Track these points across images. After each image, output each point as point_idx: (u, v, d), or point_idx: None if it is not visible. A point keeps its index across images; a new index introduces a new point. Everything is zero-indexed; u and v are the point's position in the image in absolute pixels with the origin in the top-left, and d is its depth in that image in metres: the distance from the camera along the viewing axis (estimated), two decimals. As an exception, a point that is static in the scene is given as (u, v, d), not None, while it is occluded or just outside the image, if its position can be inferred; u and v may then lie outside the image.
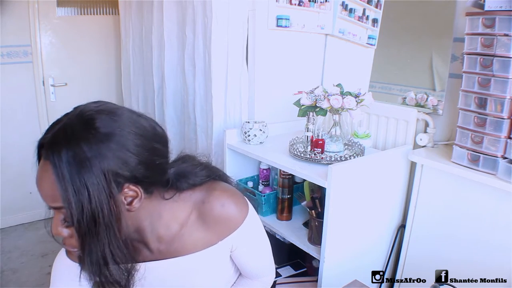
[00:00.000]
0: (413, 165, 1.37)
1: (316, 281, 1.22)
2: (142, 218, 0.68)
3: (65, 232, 0.61)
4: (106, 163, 0.57)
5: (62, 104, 2.57)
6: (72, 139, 0.56)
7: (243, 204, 0.76)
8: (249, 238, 0.79)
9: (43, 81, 2.50)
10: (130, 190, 0.61)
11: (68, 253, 0.73)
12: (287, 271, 1.42)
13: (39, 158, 0.61)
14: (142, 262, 0.74)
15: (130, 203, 0.63)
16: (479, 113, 1.09)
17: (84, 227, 0.57)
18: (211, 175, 0.78)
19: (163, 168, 0.68)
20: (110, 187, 0.57)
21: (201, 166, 0.79)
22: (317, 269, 1.21)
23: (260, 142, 1.47)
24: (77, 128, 0.57)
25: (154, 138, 0.65)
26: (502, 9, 1.00)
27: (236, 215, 0.74)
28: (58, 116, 0.62)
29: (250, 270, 0.86)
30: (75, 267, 0.70)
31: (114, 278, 0.63)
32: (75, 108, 0.62)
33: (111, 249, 0.60)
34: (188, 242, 0.73)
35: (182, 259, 0.74)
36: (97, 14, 2.61)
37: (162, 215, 0.72)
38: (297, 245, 1.30)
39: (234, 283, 0.90)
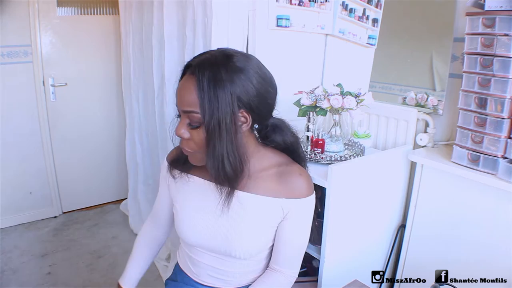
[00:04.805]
0: (413, 165, 1.37)
1: (316, 281, 1.22)
2: (246, 145, 0.83)
3: (186, 134, 0.79)
4: (234, 87, 0.75)
5: (62, 104, 2.57)
6: (214, 64, 0.75)
7: (312, 187, 0.89)
8: (301, 215, 0.88)
9: (43, 81, 2.49)
10: (243, 115, 0.79)
11: (185, 152, 0.85)
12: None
13: (183, 75, 0.80)
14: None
15: (240, 125, 0.79)
16: (479, 113, 1.09)
17: (211, 129, 0.75)
18: (297, 146, 0.93)
19: (269, 110, 0.86)
20: (233, 105, 0.75)
21: (293, 133, 0.94)
22: (317, 269, 1.21)
23: (260, 142, 1.46)
24: (219, 58, 0.77)
25: (270, 84, 0.83)
26: (502, 9, 1.00)
27: (304, 188, 0.86)
28: (58, 116, 0.63)
29: (282, 251, 0.91)
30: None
31: (227, 174, 0.78)
32: (218, 48, 0.82)
33: (227, 150, 0.76)
34: (261, 185, 0.86)
35: (249, 195, 0.86)
36: (97, 14, 2.61)
37: (254, 154, 0.87)
38: (297, 245, 1.30)
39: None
